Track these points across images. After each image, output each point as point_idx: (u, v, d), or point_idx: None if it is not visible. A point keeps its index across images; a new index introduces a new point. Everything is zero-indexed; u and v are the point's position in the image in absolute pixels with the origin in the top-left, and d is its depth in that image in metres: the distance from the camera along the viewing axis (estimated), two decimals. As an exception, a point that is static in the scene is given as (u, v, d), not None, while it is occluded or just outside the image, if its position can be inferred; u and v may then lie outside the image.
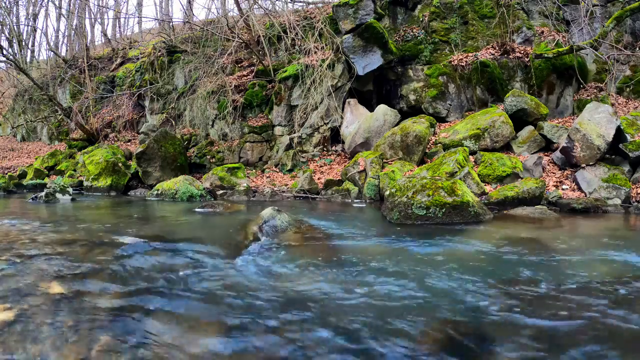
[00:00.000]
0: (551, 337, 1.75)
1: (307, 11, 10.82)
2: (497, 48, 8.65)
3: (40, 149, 14.18)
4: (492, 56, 8.55)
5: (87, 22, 18.24)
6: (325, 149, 8.95)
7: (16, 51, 15.26)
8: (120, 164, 8.94)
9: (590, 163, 6.13)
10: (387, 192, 4.92)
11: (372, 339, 1.71)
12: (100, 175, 8.72)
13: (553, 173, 6.50)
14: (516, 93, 7.55)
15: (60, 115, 13.70)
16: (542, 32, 8.97)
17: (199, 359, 1.58)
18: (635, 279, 2.54)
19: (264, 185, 8.03)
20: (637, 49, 8.37)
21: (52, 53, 17.00)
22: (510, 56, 8.48)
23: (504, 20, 8.74)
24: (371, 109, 8.76)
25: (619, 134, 6.22)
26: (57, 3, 19.01)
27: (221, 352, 1.62)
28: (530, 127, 7.30)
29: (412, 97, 8.96)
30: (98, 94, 13.16)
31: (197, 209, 5.59)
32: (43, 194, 6.59)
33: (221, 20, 11.49)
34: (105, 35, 17.50)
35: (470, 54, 8.83)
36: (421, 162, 7.30)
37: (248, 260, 2.87)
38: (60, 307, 1.96)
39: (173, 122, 11.20)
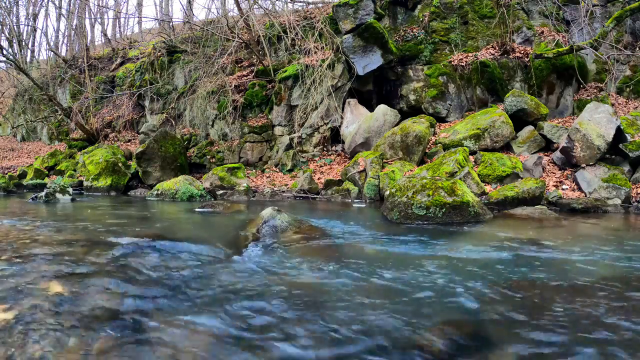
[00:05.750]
0: (551, 337, 1.75)
1: (307, 11, 10.81)
2: (497, 48, 8.65)
3: (40, 149, 14.18)
4: (492, 56, 8.54)
5: (87, 22, 18.27)
6: (325, 149, 8.95)
7: (16, 51, 15.26)
8: (120, 164, 8.94)
9: (590, 163, 6.13)
10: (387, 192, 4.93)
11: (368, 338, 1.71)
12: (100, 175, 8.72)
13: (553, 173, 6.50)
14: (516, 93, 7.55)
15: (60, 115, 13.70)
16: (542, 32, 8.97)
17: (199, 357, 1.58)
18: (635, 279, 2.54)
19: (264, 185, 8.03)
20: (637, 49, 8.36)
21: (52, 53, 17.01)
22: (510, 56, 8.48)
23: (504, 20, 8.73)
24: (371, 109, 8.76)
25: (619, 134, 6.22)
26: (57, 3, 19.04)
27: (221, 351, 1.62)
28: (530, 127, 7.30)
29: (412, 97, 8.96)
30: (98, 94, 13.16)
31: (197, 209, 5.59)
32: (43, 194, 6.59)
33: (221, 20, 11.50)
34: (105, 35, 17.50)
35: (470, 54, 8.83)
36: (421, 162, 7.30)
37: (248, 260, 2.87)
38: (60, 307, 1.96)
39: (173, 122, 11.20)
